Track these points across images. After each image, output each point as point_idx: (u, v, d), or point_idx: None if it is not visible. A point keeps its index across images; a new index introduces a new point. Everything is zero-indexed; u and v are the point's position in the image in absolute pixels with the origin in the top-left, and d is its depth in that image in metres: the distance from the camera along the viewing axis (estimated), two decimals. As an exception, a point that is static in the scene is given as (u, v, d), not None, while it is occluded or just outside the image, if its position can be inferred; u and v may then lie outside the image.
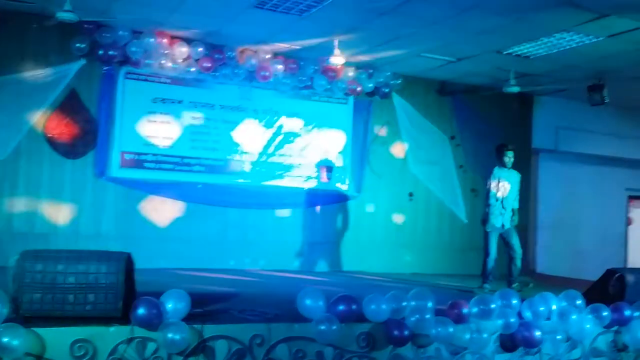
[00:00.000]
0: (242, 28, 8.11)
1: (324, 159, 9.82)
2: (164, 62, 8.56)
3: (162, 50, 8.49)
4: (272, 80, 9.19)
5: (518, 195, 7.90)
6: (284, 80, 9.32)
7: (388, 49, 8.70)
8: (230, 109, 9.26)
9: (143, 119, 8.74)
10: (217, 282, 7.45)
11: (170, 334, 4.31)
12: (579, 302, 5.78)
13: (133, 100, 8.67)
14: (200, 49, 8.70)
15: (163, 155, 8.85)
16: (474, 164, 10.43)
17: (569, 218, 11.63)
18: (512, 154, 7.81)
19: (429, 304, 5.11)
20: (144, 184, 8.71)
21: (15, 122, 7.94)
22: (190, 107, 9.01)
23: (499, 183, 7.71)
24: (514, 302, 5.51)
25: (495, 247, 7.70)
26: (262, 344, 4.60)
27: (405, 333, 4.92)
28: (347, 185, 9.96)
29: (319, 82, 9.49)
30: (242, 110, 9.33)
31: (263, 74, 9.05)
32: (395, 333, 4.89)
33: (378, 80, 9.87)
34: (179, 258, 8.51)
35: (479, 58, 8.88)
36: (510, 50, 8.45)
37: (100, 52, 8.27)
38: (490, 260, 7.66)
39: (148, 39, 8.36)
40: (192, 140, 9.01)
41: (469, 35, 7.89)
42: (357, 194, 9.93)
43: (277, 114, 9.53)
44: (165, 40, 8.49)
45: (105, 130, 8.47)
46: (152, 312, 4.34)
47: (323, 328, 4.70)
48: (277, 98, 9.48)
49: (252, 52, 9.00)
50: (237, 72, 9.01)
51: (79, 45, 8.12)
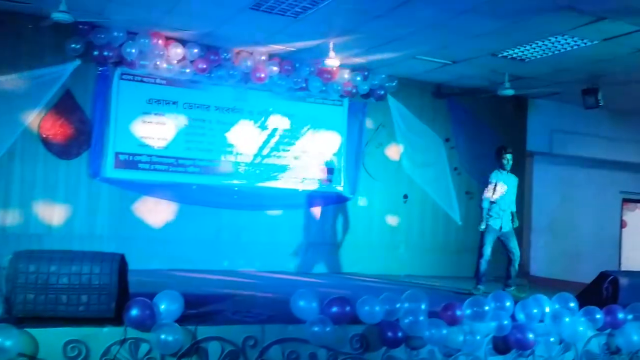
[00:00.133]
0: (237, 29, 8.10)
1: (327, 161, 9.84)
2: (159, 63, 8.54)
3: (157, 51, 8.47)
4: (267, 82, 9.17)
5: (515, 199, 7.95)
6: (279, 82, 9.31)
7: (383, 51, 8.70)
8: (225, 111, 9.26)
9: (138, 120, 8.73)
10: (211, 283, 7.43)
11: (164, 335, 4.31)
12: (572, 304, 5.79)
13: (128, 101, 8.66)
14: (196, 50, 8.69)
15: (157, 156, 8.83)
16: (469, 167, 10.47)
17: (564, 221, 11.67)
18: (510, 157, 7.86)
19: (423, 306, 5.13)
20: (138, 185, 8.69)
21: (10, 122, 7.90)
22: (185, 108, 9.00)
23: (497, 185, 7.74)
24: (508, 304, 5.51)
25: (491, 249, 7.72)
26: (255, 346, 4.61)
27: (399, 335, 4.93)
28: (342, 187, 9.97)
29: (314, 83, 9.49)
30: (237, 112, 9.33)
31: (258, 76, 9.03)
32: (389, 335, 4.91)
33: (373, 83, 9.87)
34: (173, 259, 8.50)
35: (474, 61, 8.89)
36: (506, 53, 8.46)
37: (95, 52, 8.25)
38: (484, 262, 7.68)
39: (143, 40, 8.33)
40: (186, 142, 9.00)
41: (465, 38, 7.89)
42: (352, 196, 9.95)
43: (272, 116, 9.53)
44: (160, 41, 8.47)
45: (100, 131, 8.45)
46: (145, 313, 4.35)
47: (317, 329, 4.70)
48: (272, 99, 9.48)
49: (247, 53, 8.99)
50: (232, 73, 9.00)
51: (74, 46, 8.09)
